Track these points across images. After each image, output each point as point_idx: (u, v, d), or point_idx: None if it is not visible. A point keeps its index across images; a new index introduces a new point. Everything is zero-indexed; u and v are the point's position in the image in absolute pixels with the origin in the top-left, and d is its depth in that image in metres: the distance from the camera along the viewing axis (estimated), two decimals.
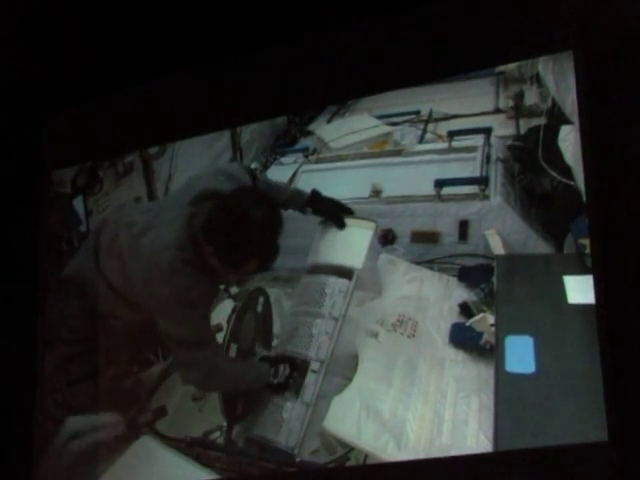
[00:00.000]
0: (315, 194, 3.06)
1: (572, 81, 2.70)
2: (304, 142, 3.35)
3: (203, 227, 2.89)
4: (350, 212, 3.04)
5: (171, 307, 2.88)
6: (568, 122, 2.76)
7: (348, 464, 2.73)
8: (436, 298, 2.91)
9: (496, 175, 3.00)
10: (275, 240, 2.89)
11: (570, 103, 2.73)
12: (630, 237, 2.51)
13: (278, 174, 3.26)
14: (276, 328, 3.04)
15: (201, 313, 2.91)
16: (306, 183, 3.12)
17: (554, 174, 2.79)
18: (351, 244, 3.01)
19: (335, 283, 2.95)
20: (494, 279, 2.81)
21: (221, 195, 2.95)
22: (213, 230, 2.88)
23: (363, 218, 3.04)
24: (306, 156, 3.32)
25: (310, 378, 2.83)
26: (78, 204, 3.48)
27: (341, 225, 3.03)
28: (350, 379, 2.80)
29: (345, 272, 2.96)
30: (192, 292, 2.87)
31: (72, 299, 3.20)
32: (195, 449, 2.95)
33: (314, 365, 2.84)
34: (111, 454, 3.05)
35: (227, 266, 2.90)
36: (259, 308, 3.05)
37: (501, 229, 2.87)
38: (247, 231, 2.85)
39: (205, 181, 3.04)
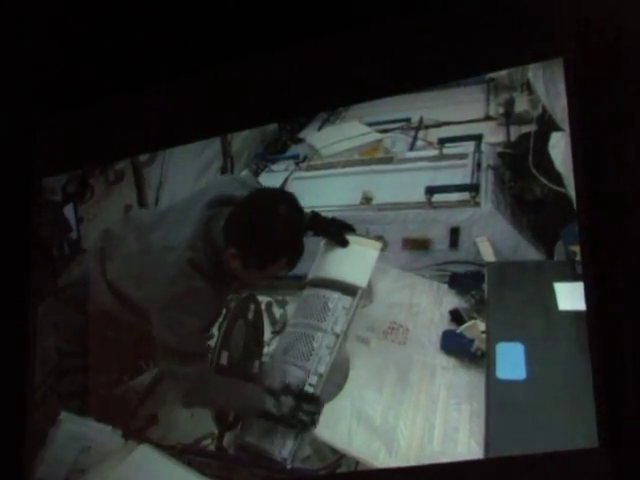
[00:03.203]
0: (315, 216, 3.02)
1: (562, 88, 2.70)
2: (295, 149, 3.34)
3: (225, 228, 2.84)
4: (352, 229, 3.02)
5: (170, 311, 2.84)
6: (558, 129, 2.76)
7: (339, 471, 2.73)
8: (427, 305, 2.91)
9: (487, 182, 3.00)
10: (301, 238, 2.88)
11: (560, 110, 2.73)
12: (620, 244, 2.51)
13: (269, 181, 3.25)
14: (267, 336, 3.03)
15: (199, 325, 2.86)
16: (297, 190, 3.10)
17: (544, 181, 2.80)
18: (357, 262, 3.00)
19: (339, 299, 2.93)
20: (485, 286, 2.82)
21: (237, 201, 2.91)
22: (237, 230, 2.83)
23: (369, 237, 3.03)
24: (297, 163, 3.31)
25: (307, 390, 2.82)
26: (69, 211, 3.48)
27: (344, 244, 3.00)
28: (341, 386, 2.80)
29: (349, 289, 2.94)
30: (195, 298, 2.83)
31: (71, 310, 3.18)
32: (186, 456, 2.95)
33: (312, 379, 2.83)
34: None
35: (251, 267, 2.85)
36: (250, 315, 3.04)
37: (492, 236, 2.87)
38: (274, 229, 2.82)
39: (221, 187, 3.02)
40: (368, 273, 2.96)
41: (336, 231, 3.00)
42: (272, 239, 2.83)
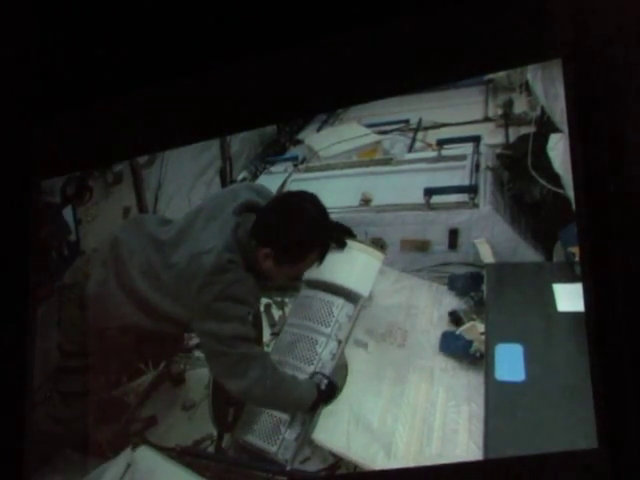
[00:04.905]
0: None
1: (561, 89, 2.70)
2: (294, 151, 3.35)
3: (254, 231, 2.89)
4: (351, 233, 3.03)
5: (217, 305, 2.82)
6: (557, 130, 2.76)
7: (339, 472, 2.73)
8: (426, 307, 2.91)
9: (485, 183, 3.00)
10: (329, 233, 2.93)
11: (559, 111, 2.73)
12: (619, 245, 2.51)
13: (267, 183, 3.25)
14: (265, 337, 3.03)
15: (249, 311, 2.86)
16: None
17: (543, 182, 2.80)
18: (361, 270, 3.00)
19: (343, 306, 2.93)
20: (484, 287, 2.82)
21: (260, 207, 2.97)
22: (269, 229, 2.88)
23: (371, 246, 3.03)
24: (295, 165, 3.32)
25: None
26: (67, 213, 3.48)
27: (343, 247, 3.01)
28: (340, 389, 2.80)
29: (351, 296, 2.95)
30: (240, 287, 2.84)
31: (74, 308, 3.18)
32: (186, 458, 2.95)
33: None
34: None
35: (284, 264, 2.89)
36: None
37: (491, 237, 2.87)
38: (305, 224, 2.87)
39: (246, 193, 3.03)
40: (371, 282, 2.97)
41: (337, 235, 3.00)
42: (304, 234, 2.88)
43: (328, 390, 2.81)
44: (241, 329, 2.81)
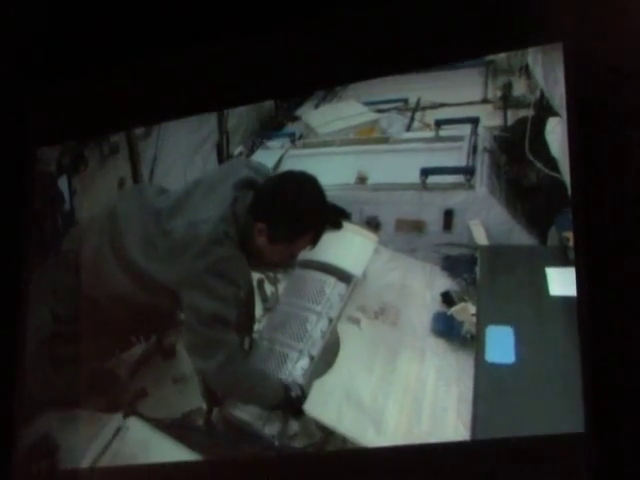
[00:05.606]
0: None
1: (561, 73, 2.69)
2: (291, 127, 3.34)
3: (252, 207, 2.91)
4: (346, 215, 3.05)
5: (206, 277, 2.83)
6: (556, 114, 2.76)
7: (327, 449, 2.74)
8: (419, 287, 2.92)
9: (482, 165, 3.00)
10: (325, 216, 2.94)
11: (558, 95, 2.73)
12: (613, 231, 2.51)
13: (264, 158, 3.26)
14: (258, 312, 3.04)
15: (234, 292, 2.86)
16: (292, 168, 3.11)
17: (540, 166, 2.80)
18: (355, 251, 3.02)
19: (335, 285, 2.96)
20: (477, 269, 2.82)
21: (259, 184, 2.98)
22: (266, 206, 2.91)
23: (365, 228, 3.04)
24: (292, 141, 3.31)
25: (298, 372, 2.83)
26: (62, 183, 3.47)
27: (338, 227, 3.03)
28: (330, 364, 2.81)
29: (344, 276, 2.97)
30: (231, 265, 2.86)
31: (69, 274, 3.19)
32: (175, 431, 2.96)
33: (303, 362, 2.85)
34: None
35: (278, 243, 2.91)
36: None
37: (485, 220, 2.87)
38: (302, 204, 2.90)
39: (245, 170, 3.04)
40: (364, 263, 2.98)
41: (333, 216, 3.01)
42: (300, 214, 2.90)
43: (296, 401, 2.79)
44: (222, 311, 2.82)
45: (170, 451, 2.92)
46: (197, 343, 2.88)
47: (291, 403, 2.79)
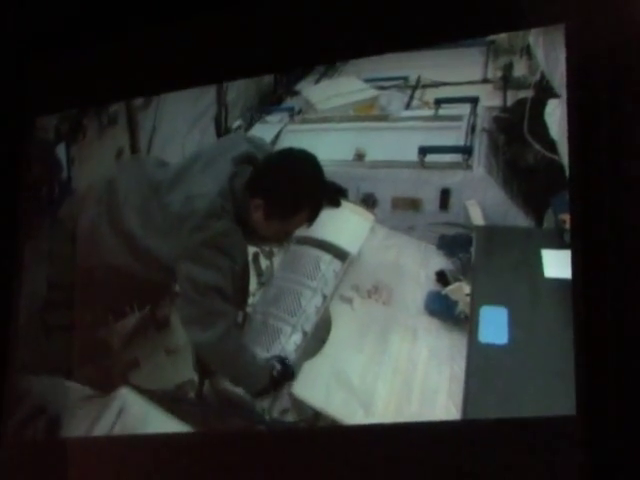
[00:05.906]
0: None
1: (562, 55, 2.68)
2: (290, 102, 3.33)
3: (249, 182, 2.91)
4: (344, 194, 3.04)
5: (203, 251, 2.84)
6: (556, 96, 2.75)
7: (318, 424, 2.75)
8: (413, 266, 2.92)
9: (480, 145, 2.99)
10: (322, 195, 2.94)
11: (559, 77, 2.72)
12: (610, 214, 2.51)
13: (262, 132, 3.25)
14: (252, 286, 3.04)
15: (230, 266, 2.86)
16: (290, 143, 3.11)
17: (538, 148, 2.79)
18: (351, 229, 3.02)
19: (331, 262, 2.97)
20: (472, 249, 2.82)
21: (258, 160, 2.98)
22: (263, 181, 2.91)
23: (362, 207, 3.04)
24: (291, 116, 3.30)
25: (290, 347, 2.84)
26: (60, 151, 3.46)
27: (337, 205, 3.03)
28: (324, 341, 2.82)
29: (340, 254, 2.98)
30: (227, 239, 2.86)
31: (65, 242, 3.19)
32: (166, 402, 2.96)
33: (296, 337, 2.85)
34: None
35: (274, 219, 2.91)
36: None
37: (482, 200, 2.87)
38: (299, 181, 2.91)
39: (245, 145, 3.05)
40: (360, 242, 2.98)
41: (331, 194, 3.01)
42: (297, 190, 2.91)
43: (280, 376, 2.80)
44: (219, 281, 2.82)
45: (162, 423, 2.93)
46: (195, 314, 2.88)
47: (275, 383, 2.80)
